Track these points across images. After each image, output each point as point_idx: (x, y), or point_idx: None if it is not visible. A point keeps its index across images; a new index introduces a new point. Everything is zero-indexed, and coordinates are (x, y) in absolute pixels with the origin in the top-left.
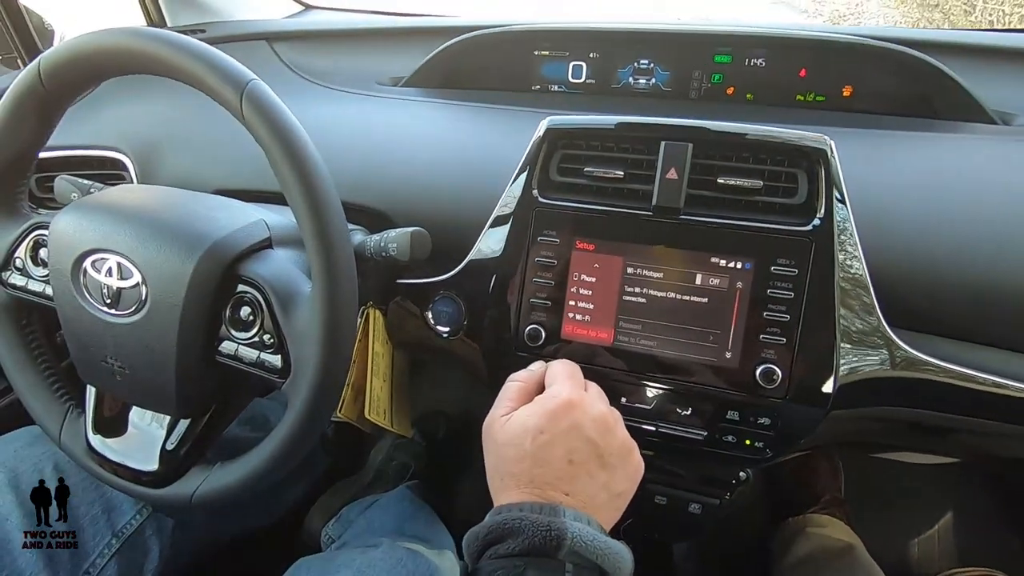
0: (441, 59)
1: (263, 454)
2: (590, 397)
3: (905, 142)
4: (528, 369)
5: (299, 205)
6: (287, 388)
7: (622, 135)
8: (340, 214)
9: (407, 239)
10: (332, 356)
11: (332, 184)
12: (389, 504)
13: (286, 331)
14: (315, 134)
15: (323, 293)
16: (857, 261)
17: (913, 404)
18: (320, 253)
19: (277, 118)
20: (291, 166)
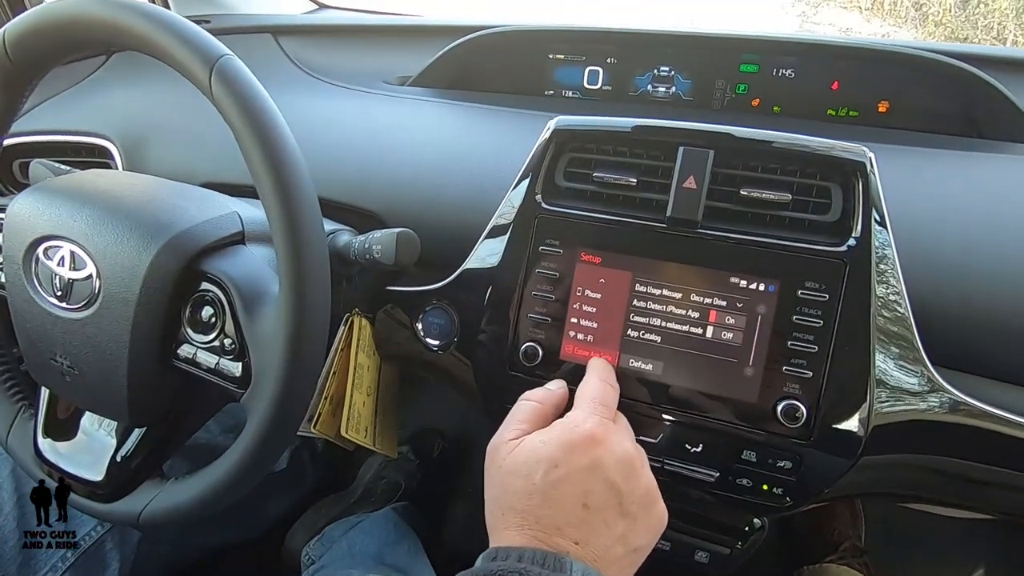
0: (450, 59)
1: (218, 473)
2: (617, 432)
3: (949, 161)
4: (546, 388)
5: (268, 195)
6: (246, 400)
7: (637, 138)
8: (314, 207)
9: (392, 240)
10: (295, 367)
11: (307, 174)
12: (373, 527)
13: (248, 336)
14: (313, 130)
15: (290, 295)
16: (896, 288)
17: (955, 453)
18: (288, 250)
19: (249, 97)
20: (261, 150)
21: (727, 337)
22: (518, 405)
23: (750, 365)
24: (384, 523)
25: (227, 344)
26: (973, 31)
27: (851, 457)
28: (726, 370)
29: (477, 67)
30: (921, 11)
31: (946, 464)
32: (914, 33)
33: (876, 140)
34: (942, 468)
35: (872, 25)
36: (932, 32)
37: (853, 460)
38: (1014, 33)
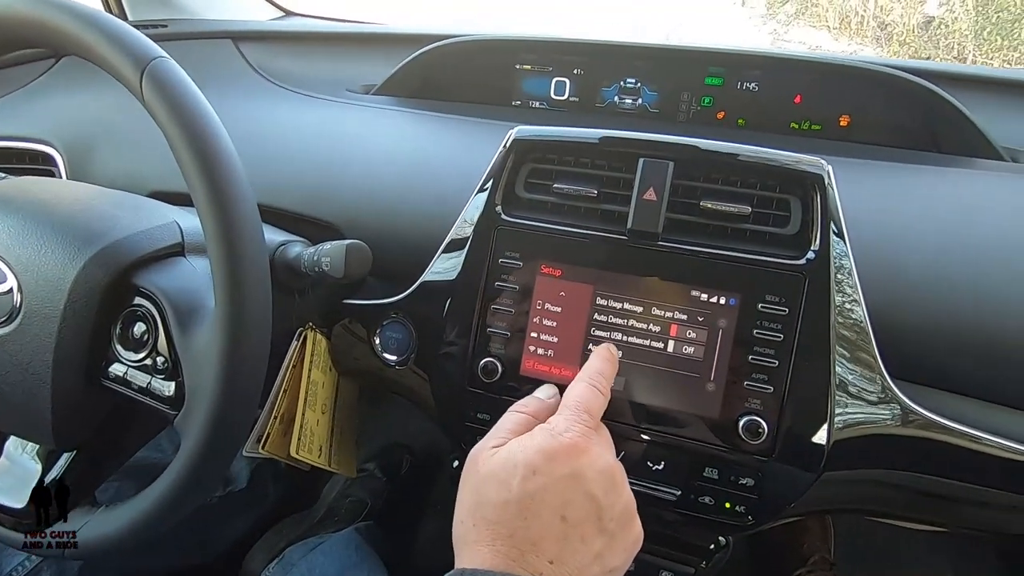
0: (415, 67)
1: (150, 499)
2: (600, 443)
3: (907, 175)
4: (536, 397)
5: (202, 203)
6: (179, 422)
7: (598, 149)
8: (252, 216)
9: (342, 253)
10: (231, 386)
11: (246, 182)
12: (334, 549)
13: (182, 354)
14: (270, 138)
15: (225, 310)
16: (855, 302)
17: (915, 468)
18: (223, 261)
19: (182, 100)
20: (194, 156)
21: (689, 352)
22: (507, 415)
23: (711, 380)
24: (346, 545)
25: (159, 363)
26: (935, 50)
27: (813, 472)
28: (688, 385)
29: (443, 76)
30: (886, 31)
31: (905, 478)
32: (879, 51)
33: (837, 154)
34: (902, 483)
35: (840, 43)
36: (896, 51)
37: (815, 475)
38: (973, 53)
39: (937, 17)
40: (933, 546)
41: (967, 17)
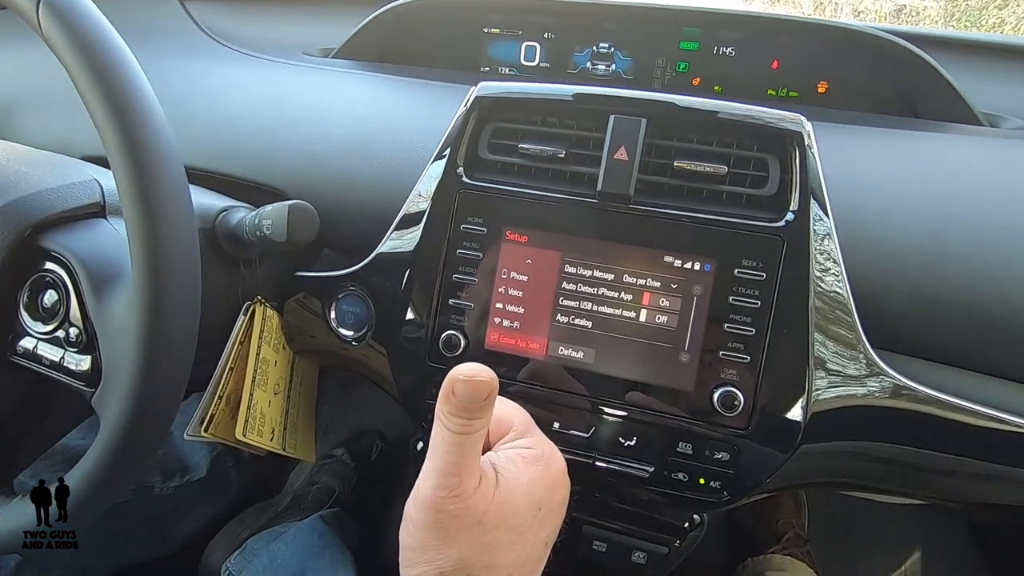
0: (375, 29)
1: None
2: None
3: (886, 140)
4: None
5: (113, 149)
6: (96, 401)
7: (566, 107)
8: (174, 167)
9: (283, 214)
10: (153, 362)
11: (167, 129)
12: (297, 537)
13: (97, 325)
14: (214, 100)
15: (143, 276)
16: (835, 267)
17: (893, 439)
18: (140, 219)
19: (85, 29)
20: (102, 96)
21: (662, 321)
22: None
23: (686, 350)
24: (309, 533)
25: (73, 335)
26: None
27: (790, 446)
28: (661, 357)
29: (406, 40)
30: (859, 18)
31: (884, 450)
32: None
33: (815, 119)
34: (880, 455)
35: None
36: None
37: (792, 449)
38: None
39: (908, 5)
40: (904, 519)
41: (937, 4)
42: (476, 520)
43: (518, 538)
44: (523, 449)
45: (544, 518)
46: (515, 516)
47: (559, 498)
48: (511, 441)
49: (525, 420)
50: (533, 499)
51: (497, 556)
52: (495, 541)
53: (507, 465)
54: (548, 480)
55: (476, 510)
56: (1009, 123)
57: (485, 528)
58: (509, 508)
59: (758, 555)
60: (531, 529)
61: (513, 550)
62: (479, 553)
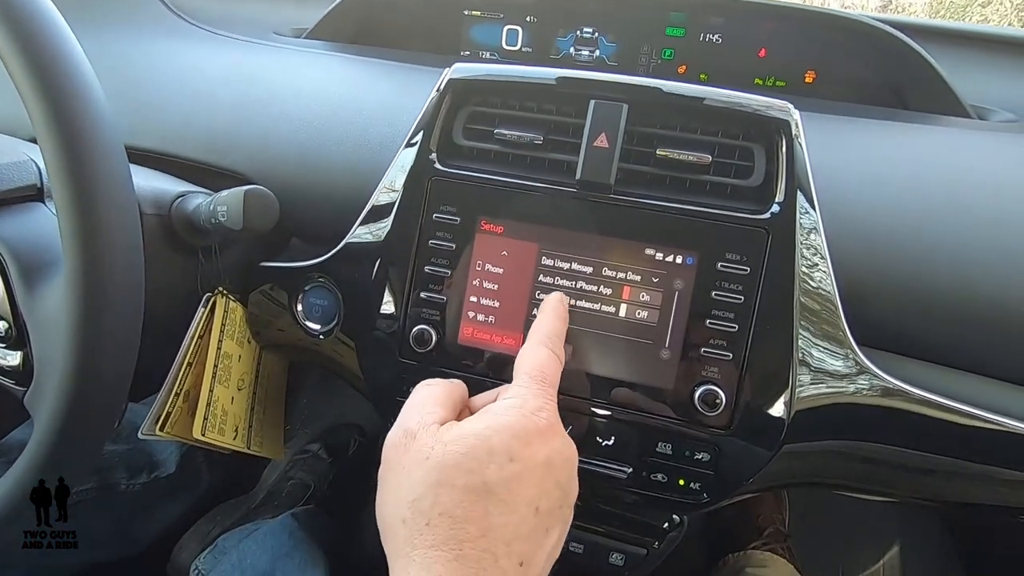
0: (351, 8)
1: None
2: (560, 421)
3: (874, 131)
4: (447, 381)
5: (40, 124)
6: (29, 400)
7: (545, 91)
8: (110, 143)
9: (239, 199)
10: (87, 358)
11: (103, 102)
12: (267, 536)
13: (28, 318)
14: (174, 80)
15: (75, 264)
16: (822, 261)
17: (879, 438)
18: (70, 198)
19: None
20: (27, 64)
21: (642, 316)
22: (422, 392)
23: (666, 347)
24: (280, 532)
25: (1, 328)
26: None
27: (772, 445)
28: (641, 353)
29: (383, 21)
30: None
31: (869, 450)
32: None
33: (802, 109)
34: (865, 454)
35: None
36: None
37: (775, 449)
38: None
39: (894, 1)
40: (884, 514)
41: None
42: (424, 456)
43: (481, 489)
44: (502, 400)
45: (521, 474)
46: (467, 459)
47: (540, 457)
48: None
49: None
50: (496, 443)
51: (452, 505)
52: (443, 482)
53: (478, 412)
54: (519, 429)
55: (424, 446)
56: (998, 116)
57: (430, 465)
58: (458, 447)
59: (739, 551)
60: (499, 482)
61: (476, 504)
62: (431, 497)
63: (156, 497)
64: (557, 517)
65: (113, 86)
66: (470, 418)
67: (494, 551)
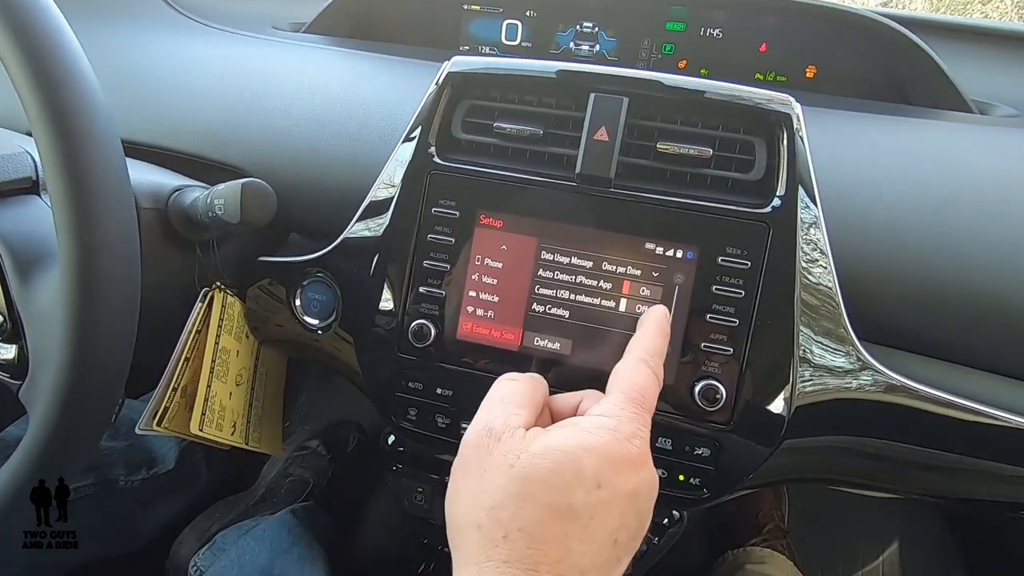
0: (349, 3)
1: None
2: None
3: (875, 126)
4: (529, 377)
5: (35, 116)
6: (24, 394)
7: (545, 84)
8: (105, 135)
9: (237, 192)
10: (83, 352)
11: (98, 93)
12: (266, 532)
13: (23, 311)
14: (173, 74)
15: (71, 255)
16: (822, 256)
17: (880, 434)
18: (65, 190)
19: None
20: (22, 55)
21: (642, 311)
22: (502, 385)
23: None
24: (279, 528)
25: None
26: None
27: (773, 441)
28: None
29: (381, 16)
30: None
31: (869, 446)
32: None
33: (804, 104)
34: (865, 450)
35: None
36: None
37: (775, 445)
38: None
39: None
40: (883, 510)
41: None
42: (508, 463)
43: (565, 512)
44: (595, 416)
45: (608, 503)
46: (555, 476)
47: (628, 487)
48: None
49: (636, 392)
50: (588, 466)
51: (532, 523)
52: (527, 498)
53: (565, 423)
54: (612, 455)
55: (509, 452)
56: (999, 111)
57: (514, 475)
58: (547, 463)
59: (738, 547)
60: (584, 507)
61: (557, 526)
62: (512, 509)
63: (155, 493)
64: (629, 548)
65: (110, 80)
66: (558, 430)
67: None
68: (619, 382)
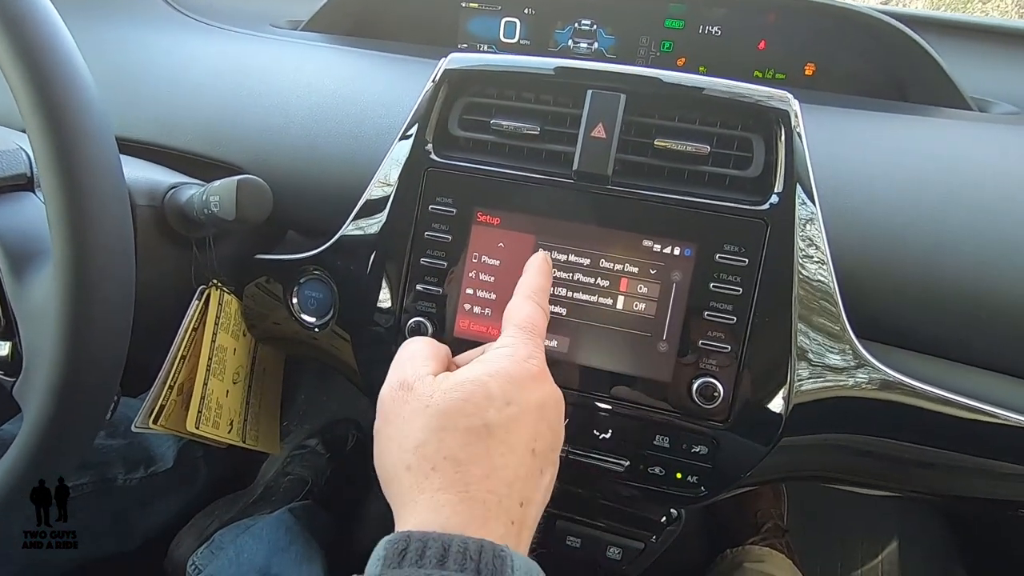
0: (347, 1)
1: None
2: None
3: (874, 123)
4: (431, 339)
5: (28, 112)
6: (18, 391)
7: (542, 81)
8: (99, 131)
9: (232, 189)
10: (77, 348)
11: (92, 90)
12: (264, 531)
13: (17, 308)
14: (170, 71)
15: (65, 251)
16: (820, 253)
17: (878, 432)
18: (59, 186)
19: None
20: (15, 50)
21: (639, 308)
22: (407, 346)
23: (664, 340)
24: (276, 527)
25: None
26: None
27: (770, 439)
28: (638, 346)
29: (380, 14)
30: None
31: (867, 443)
32: None
33: (802, 101)
34: (863, 448)
35: None
36: None
37: (772, 442)
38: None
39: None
40: (882, 509)
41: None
42: (424, 405)
43: (483, 431)
44: (493, 350)
45: (519, 416)
46: (468, 404)
47: (534, 399)
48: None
49: (526, 322)
50: (494, 387)
51: (456, 448)
52: (445, 426)
53: (467, 360)
54: (514, 374)
55: (423, 395)
56: (999, 108)
57: (431, 412)
58: (458, 393)
59: (737, 546)
60: (499, 423)
61: (478, 445)
62: (435, 442)
63: (153, 492)
64: (550, 459)
65: (107, 77)
66: (464, 367)
67: (498, 492)
68: (511, 317)
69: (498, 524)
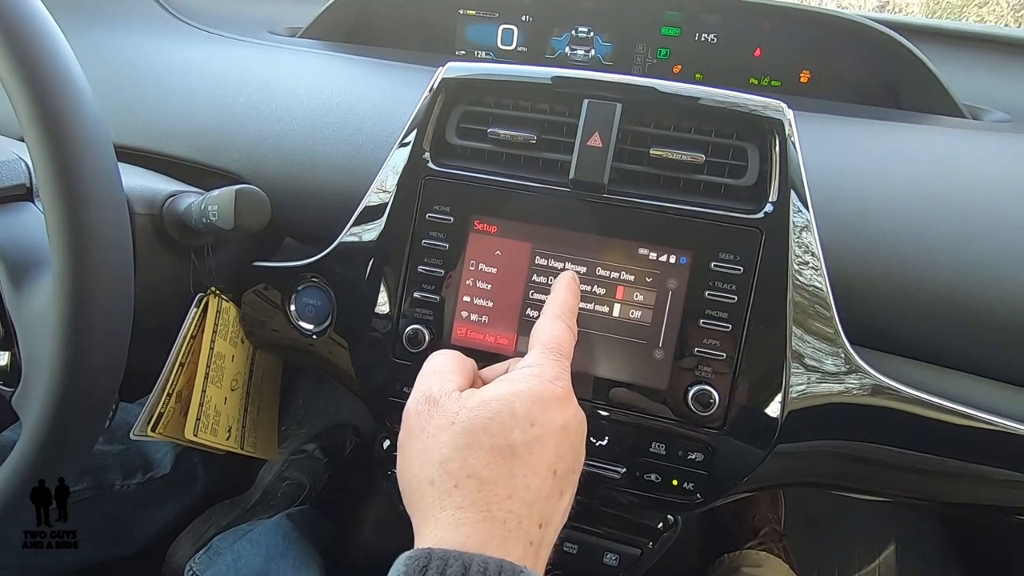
0: (345, 7)
1: None
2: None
3: (868, 130)
4: (458, 352)
5: (27, 122)
6: (17, 401)
7: (539, 90)
8: (98, 140)
9: (230, 199)
10: (76, 358)
11: (90, 99)
12: (262, 536)
13: (16, 318)
14: (167, 78)
15: (64, 260)
16: (815, 260)
17: (872, 438)
18: (58, 196)
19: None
20: (13, 59)
21: (635, 316)
22: (434, 359)
23: (660, 347)
24: (274, 532)
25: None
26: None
27: (766, 445)
28: (634, 353)
29: (377, 21)
30: None
31: (861, 449)
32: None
33: (797, 109)
34: (857, 453)
35: None
36: None
37: (768, 449)
38: None
39: (891, 1)
40: (879, 513)
41: (919, 1)
42: (450, 421)
43: (507, 451)
44: (520, 369)
45: (542, 437)
46: (493, 423)
47: (558, 421)
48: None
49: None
50: (519, 408)
51: (479, 467)
52: (470, 444)
53: (495, 380)
54: (539, 395)
55: (449, 411)
56: (992, 115)
57: (456, 429)
58: (484, 412)
59: (734, 550)
60: (523, 444)
61: (502, 465)
62: (459, 459)
63: (151, 497)
64: (570, 481)
65: (105, 84)
66: (490, 385)
67: (518, 512)
68: (539, 336)
69: (517, 544)
